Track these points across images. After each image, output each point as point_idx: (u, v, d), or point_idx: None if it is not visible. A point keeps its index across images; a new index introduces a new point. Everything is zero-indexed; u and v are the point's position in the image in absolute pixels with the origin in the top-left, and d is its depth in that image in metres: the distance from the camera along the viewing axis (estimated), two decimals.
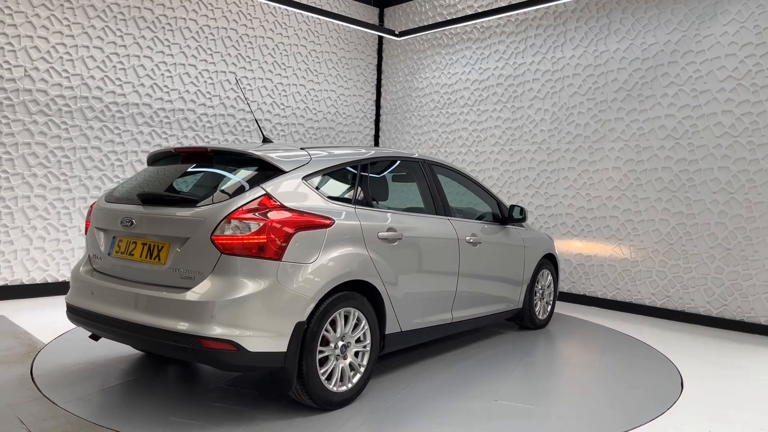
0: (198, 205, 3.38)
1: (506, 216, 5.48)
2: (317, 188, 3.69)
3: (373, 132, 10.12)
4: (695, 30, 6.53)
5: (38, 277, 6.61)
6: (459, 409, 3.68)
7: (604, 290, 7.24)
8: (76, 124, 6.81)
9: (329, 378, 3.52)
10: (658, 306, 6.78)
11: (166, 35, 7.49)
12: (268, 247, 3.25)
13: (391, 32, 9.03)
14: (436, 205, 4.69)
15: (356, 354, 3.72)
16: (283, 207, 3.39)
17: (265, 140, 4.38)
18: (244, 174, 3.59)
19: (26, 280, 6.53)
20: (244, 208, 3.28)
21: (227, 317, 3.13)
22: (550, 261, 6.13)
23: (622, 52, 7.10)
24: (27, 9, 6.42)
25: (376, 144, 10.17)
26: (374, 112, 10.12)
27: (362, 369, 3.73)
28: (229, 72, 8.11)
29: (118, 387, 3.87)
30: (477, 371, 4.49)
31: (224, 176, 3.68)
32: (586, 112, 7.42)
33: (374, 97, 10.10)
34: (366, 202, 3.99)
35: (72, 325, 5.36)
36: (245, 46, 8.29)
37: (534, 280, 5.83)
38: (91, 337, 4.04)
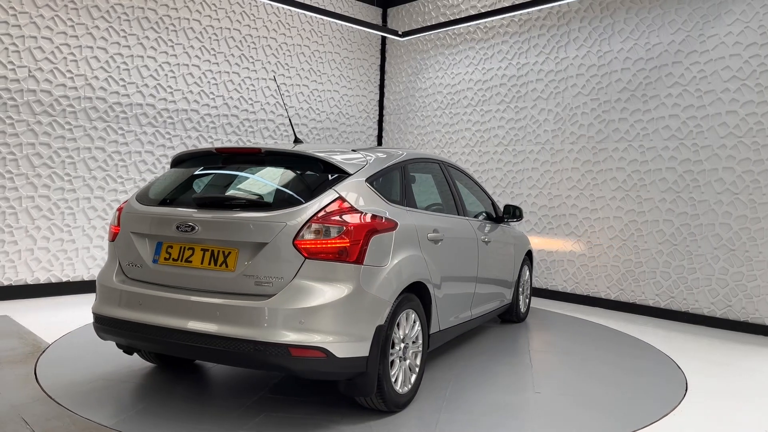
0: (273, 209, 3.26)
1: (500, 215, 5.62)
2: (378, 190, 3.67)
3: (376, 132, 10.11)
4: (699, 30, 6.51)
5: (42, 277, 6.62)
6: (510, 403, 3.81)
7: (608, 291, 7.23)
8: (80, 125, 6.82)
9: (395, 380, 3.54)
10: (662, 307, 6.77)
11: (169, 36, 7.50)
12: (352, 250, 3.20)
13: (395, 32, 9.03)
14: (456, 205, 4.80)
15: (413, 355, 3.76)
16: (355, 210, 3.35)
17: (297, 141, 4.30)
18: (310, 176, 3.52)
19: (30, 280, 6.54)
20: (324, 211, 3.22)
21: (316, 323, 3.06)
22: (528, 257, 6.41)
23: (626, 53, 7.09)
24: (31, 9, 6.43)
25: (379, 144, 10.17)
26: (377, 112, 10.12)
27: (417, 369, 3.76)
28: (270, 72, 8.12)
29: (123, 387, 3.87)
30: (497, 366, 4.57)
31: (289, 179, 3.58)
32: (590, 113, 7.41)
33: (377, 97, 10.10)
34: (412, 204, 4.02)
35: (76, 326, 5.37)
36: (249, 46, 8.30)
37: (519, 275, 6.07)
38: (125, 351, 3.89)
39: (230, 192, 3.62)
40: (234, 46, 8.14)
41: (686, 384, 4.36)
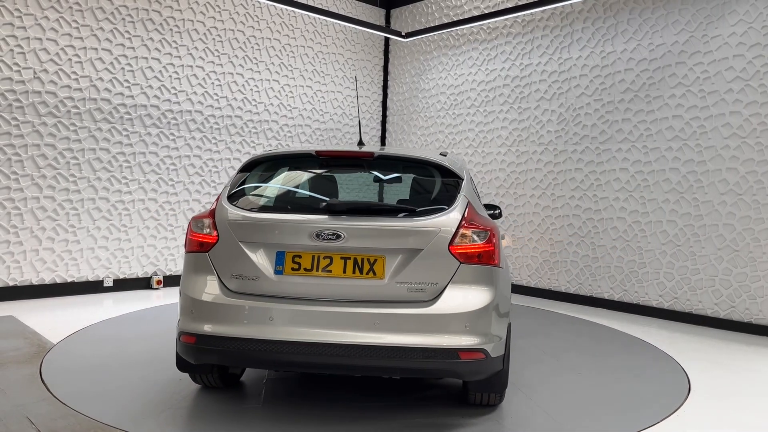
0: (420, 215, 3.26)
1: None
2: (476, 194, 3.77)
3: (379, 133, 10.13)
4: (703, 31, 6.50)
5: (47, 278, 6.65)
6: (570, 381, 4.31)
7: (612, 292, 7.22)
8: (85, 126, 6.85)
9: None
10: (666, 308, 6.76)
11: (174, 37, 7.53)
12: (495, 254, 3.29)
13: (398, 33, 9.04)
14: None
15: None
16: (479, 214, 3.46)
17: (361, 143, 4.30)
18: (433, 181, 3.55)
19: (35, 281, 6.57)
20: (467, 216, 3.30)
21: (478, 326, 3.13)
22: None
23: (630, 53, 7.08)
24: (36, 11, 6.47)
25: (382, 145, 10.18)
26: (381, 113, 10.13)
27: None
28: (351, 71, 8.10)
29: (128, 387, 3.89)
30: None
31: (418, 184, 3.61)
32: (593, 113, 7.40)
33: (381, 98, 10.11)
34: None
35: (81, 326, 5.39)
36: (252, 47, 8.32)
37: None
38: (230, 373, 3.78)
39: (367, 198, 3.57)
40: (238, 48, 8.17)
41: (689, 385, 4.35)
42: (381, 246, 3.18)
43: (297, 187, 3.63)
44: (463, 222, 3.25)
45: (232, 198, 3.48)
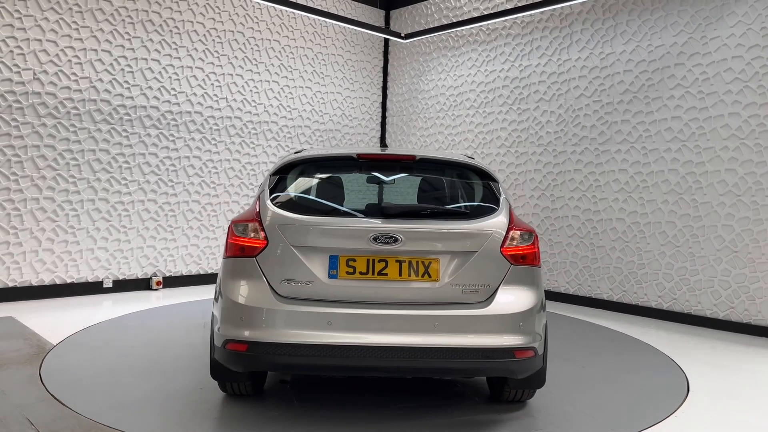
0: (471, 217, 3.36)
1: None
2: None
3: (379, 134, 10.13)
4: (702, 32, 6.51)
5: (47, 279, 6.66)
6: (576, 372, 4.49)
7: (611, 292, 7.23)
8: (85, 127, 6.86)
9: None
10: (665, 308, 6.76)
11: (173, 38, 7.53)
12: (538, 255, 3.43)
13: (397, 35, 9.05)
14: None
15: None
16: (518, 217, 3.57)
17: (384, 144, 4.33)
18: (476, 184, 3.64)
19: (35, 282, 6.58)
20: (512, 219, 3.43)
21: (529, 325, 3.23)
22: None
23: (629, 54, 7.09)
24: (36, 13, 6.47)
25: (382, 146, 10.19)
26: (380, 114, 10.14)
27: None
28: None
29: (128, 388, 3.89)
30: None
31: (462, 187, 3.68)
32: (593, 114, 7.41)
33: (380, 99, 10.12)
34: None
35: (81, 327, 5.39)
36: (252, 48, 8.33)
37: None
38: (282, 381, 3.79)
39: (409, 201, 3.60)
40: (237, 49, 8.17)
41: (688, 386, 4.36)
42: (436, 249, 3.24)
43: (343, 190, 3.64)
44: (511, 224, 3.37)
45: (276, 201, 3.40)
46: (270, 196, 3.45)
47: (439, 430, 3.39)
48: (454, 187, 3.73)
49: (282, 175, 3.60)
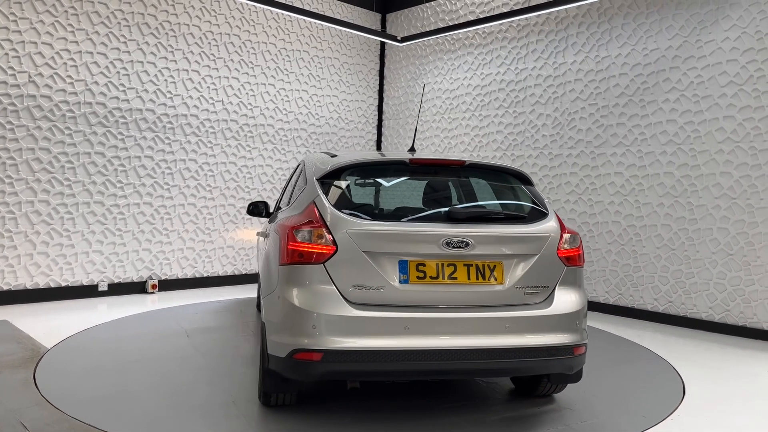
0: (529, 221, 3.49)
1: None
2: None
3: (375, 137, 10.14)
4: (697, 35, 6.54)
5: (41, 282, 6.63)
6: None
7: (607, 295, 7.24)
8: (80, 130, 6.84)
9: None
10: (661, 311, 6.77)
11: (169, 41, 7.53)
12: (583, 257, 3.60)
13: (393, 38, 9.06)
14: None
15: None
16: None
17: (412, 149, 4.38)
18: (522, 189, 3.76)
19: (29, 285, 6.55)
20: (561, 221, 3.59)
21: (582, 322, 3.43)
22: None
23: (624, 58, 7.12)
24: (31, 15, 6.46)
25: (378, 149, 10.19)
26: (377, 117, 10.15)
27: None
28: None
29: (123, 392, 3.87)
30: None
31: (513, 191, 3.77)
32: (588, 118, 7.43)
33: (376, 102, 10.13)
34: None
35: (75, 330, 5.37)
36: (248, 51, 8.33)
37: None
38: (351, 388, 3.78)
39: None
40: (233, 52, 8.17)
41: (684, 388, 4.36)
42: (502, 252, 3.34)
43: (401, 194, 3.68)
44: (562, 227, 3.54)
45: (339, 206, 3.34)
46: (331, 201, 3.39)
47: (480, 427, 3.48)
48: (503, 192, 3.81)
49: (333, 179, 3.53)
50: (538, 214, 3.57)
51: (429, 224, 3.30)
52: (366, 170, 3.72)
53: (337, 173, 3.56)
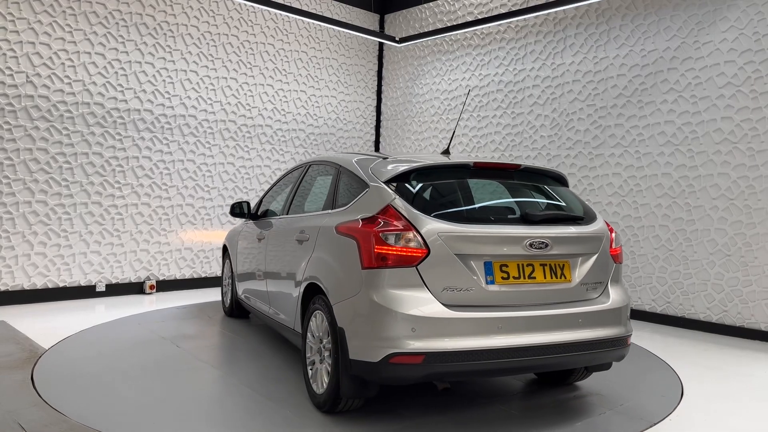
0: (586, 222, 3.73)
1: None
2: None
3: (373, 138, 10.14)
4: (694, 37, 6.56)
5: (39, 283, 6.62)
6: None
7: None
8: (78, 130, 6.83)
9: None
10: (659, 312, 6.78)
11: (167, 42, 7.52)
12: (622, 254, 3.86)
13: (392, 38, 9.06)
14: None
15: None
16: None
17: (446, 151, 4.54)
18: (563, 191, 3.98)
19: (27, 286, 6.54)
20: (605, 223, 3.85)
21: (629, 314, 3.72)
22: None
23: (622, 59, 7.13)
24: (29, 15, 6.45)
25: (377, 150, 10.20)
26: (375, 117, 10.15)
27: None
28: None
29: (120, 392, 3.87)
30: None
31: (562, 193, 3.94)
32: (586, 118, 7.44)
33: (375, 102, 10.13)
34: None
35: (73, 331, 5.36)
36: (246, 52, 8.33)
37: None
38: (444, 389, 3.94)
39: (543, 207, 3.83)
40: (232, 52, 8.17)
41: (682, 389, 4.37)
42: (571, 252, 3.55)
43: (472, 197, 3.70)
44: (609, 227, 3.82)
45: (422, 209, 3.36)
46: (411, 203, 3.39)
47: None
48: (554, 195, 3.92)
49: (403, 182, 3.55)
50: (590, 215, 3.82)
51: (512, 226, 3.48)
52: (433, 174, 3.69)
53: (406, 176, 3.58)
